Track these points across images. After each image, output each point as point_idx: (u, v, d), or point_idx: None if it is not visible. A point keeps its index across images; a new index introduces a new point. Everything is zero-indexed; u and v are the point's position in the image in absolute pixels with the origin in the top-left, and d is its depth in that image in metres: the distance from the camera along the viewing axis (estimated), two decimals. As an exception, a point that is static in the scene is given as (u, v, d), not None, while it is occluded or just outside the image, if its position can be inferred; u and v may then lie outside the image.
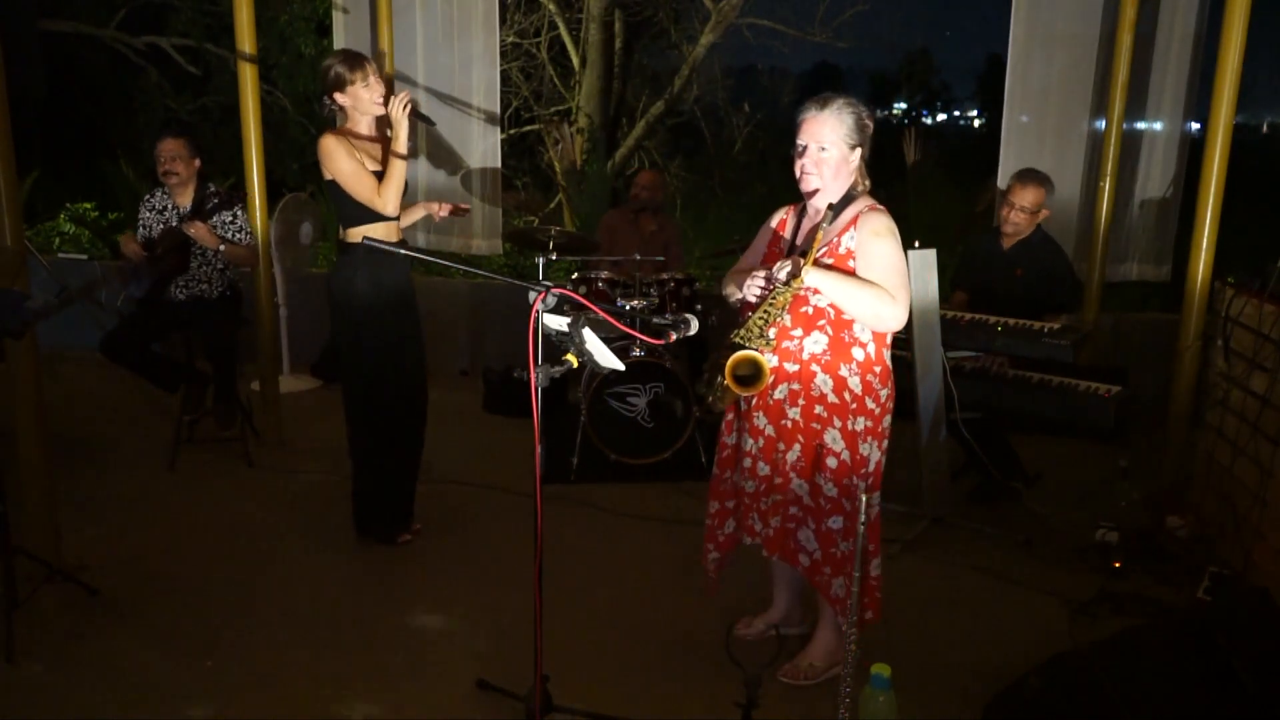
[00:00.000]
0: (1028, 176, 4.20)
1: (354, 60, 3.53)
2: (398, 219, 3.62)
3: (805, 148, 2.74)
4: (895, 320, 2.70)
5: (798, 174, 2.78)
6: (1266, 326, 3.54)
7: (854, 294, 2.66)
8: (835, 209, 2.73)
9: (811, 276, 2.65)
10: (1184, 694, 2.47)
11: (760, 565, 3.17)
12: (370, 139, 3.61)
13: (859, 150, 2.75)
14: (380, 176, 3.52)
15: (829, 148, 2.71)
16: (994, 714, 2.65)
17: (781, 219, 2.95)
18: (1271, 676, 2.45)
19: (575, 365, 2.31)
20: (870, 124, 2.79)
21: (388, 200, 3.50)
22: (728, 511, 3.05)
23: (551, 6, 9.35)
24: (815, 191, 2.77)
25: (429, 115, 3.82)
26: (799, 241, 2.84)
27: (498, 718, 2.77)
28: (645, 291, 4.85)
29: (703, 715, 2.80)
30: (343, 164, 3.47)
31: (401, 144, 3.49)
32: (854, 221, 2.72)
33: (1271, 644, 2.56)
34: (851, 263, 2.70)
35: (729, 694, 2.60)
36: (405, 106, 3.47)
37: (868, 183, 2.82)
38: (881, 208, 2.77)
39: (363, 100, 3.52)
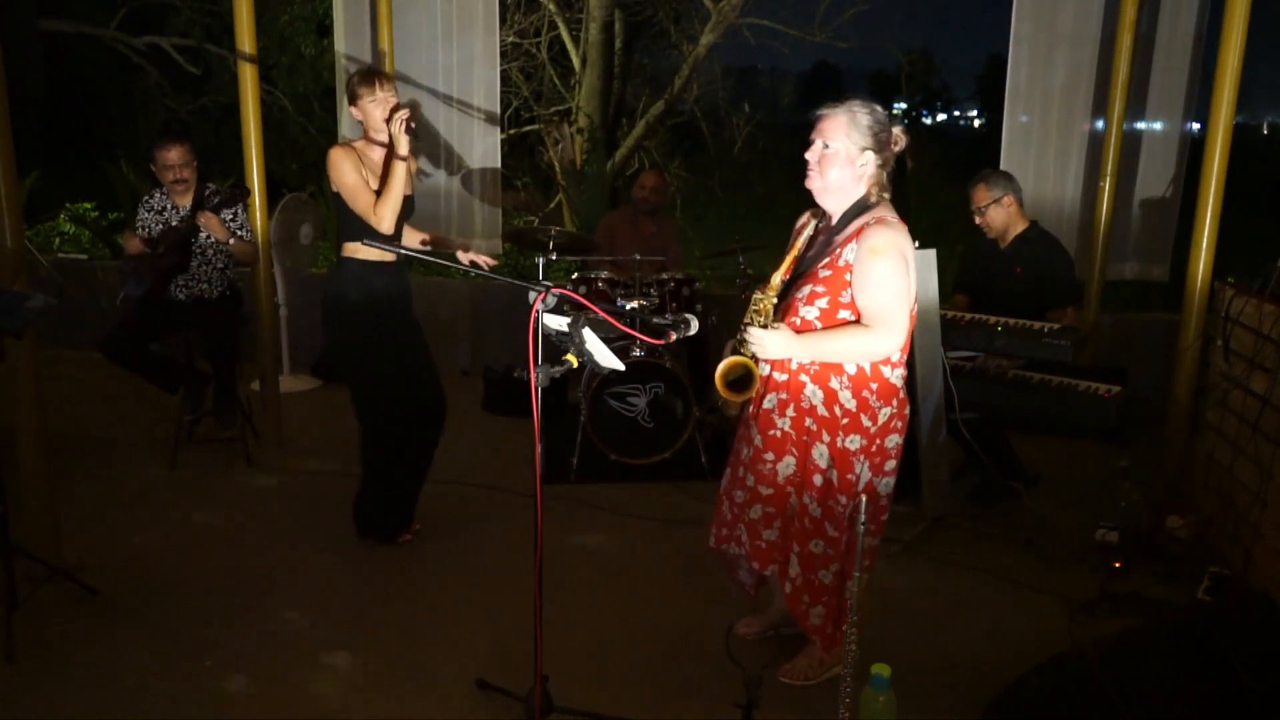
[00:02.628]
0: (972, 181, 4.27)
1: (367, 76, 3.51)
2: (396, 237, 3.60)
3: (811, 144, 2.70)
4: (884, 350, 2.65)
5: (806, 171, 2.73)
6: (1266, 326, 3.54)
7: (828, 350, 2.64)
8: (843, 219, 2.69)
9: (780, 349, 2.62)
10: (1184, 694, 2.48)
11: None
12: (381, 156, 3.58)
13: (870, 154, 2.66)
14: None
15: (833, 144, 2.65)
16: (994, 714, 2.65)
17: (802, 223, 2.88)
18: (1271, 676, 2.45)
19: (575, 365, 2.31)
20: (893, 134, 2.69)
21: (383, 217, 3.47)
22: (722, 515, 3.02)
23: (551, 6, 9.35)
24: (821, 193, 2.71)
25: (428, 120, 3.82)
26: (810, 251, 2.78)
27: (498, 718, 2.77)
28: (645, 291, 4.85)
29: (703, 715, 2.80)
30: (346, 177, 3.46)
31: (400, 164, 3.45)
32: (858, 233, 2.65)
33: (1271, 644, 2.57)
34: (849, 275, 2.63)
35: (729, 694, 2.60)
36: (402, 124, 3.41)
37: (887, 195, 2.72)
38: (892, 221, 2.66)
39: (373, 117, 3.50)
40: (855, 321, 2.65)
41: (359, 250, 3.53)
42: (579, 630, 3.23)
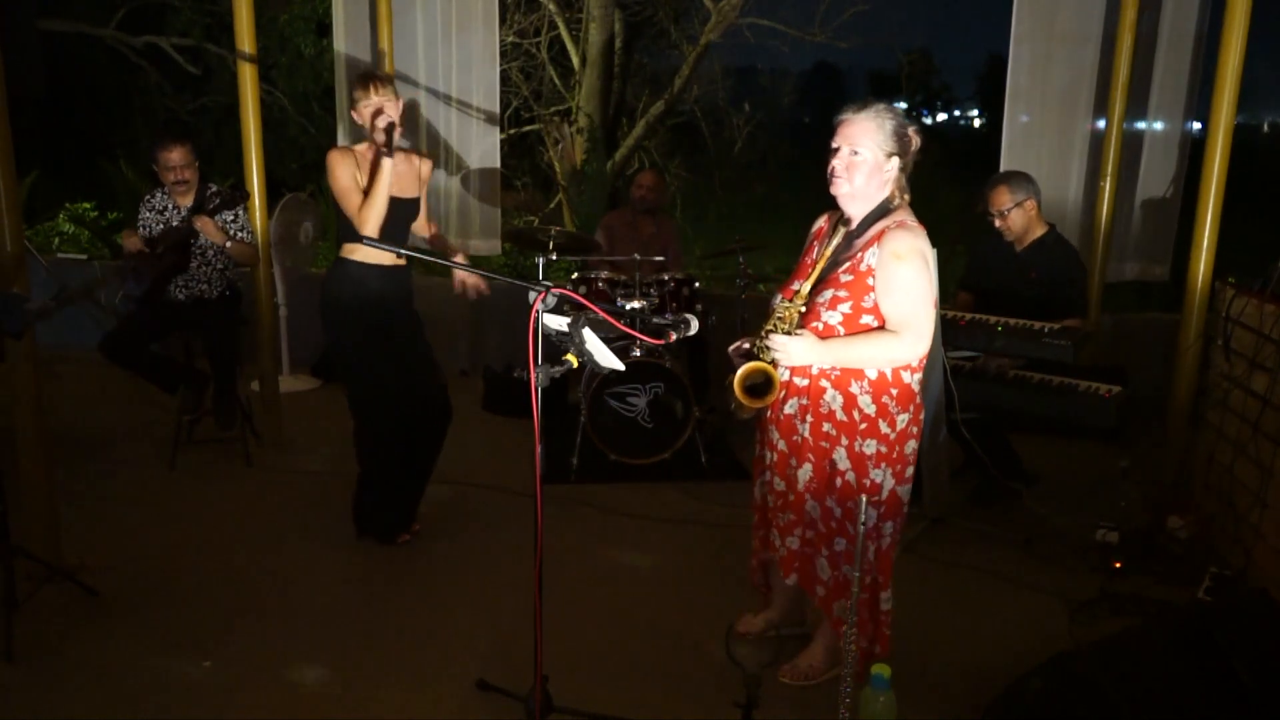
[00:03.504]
0: (990, 182, 4.23)
1: (362, 79, 3.52)
2: (398, 240, 3.61)
3: (838, 150, 2.68)
4: (910, 356, 2.65)
5: (829, 177, 2.71)
6: (1266, 326, 3.54)
7: (854, 356, 2.63)
8: (864, 223, 2.69)
9: (804, 355, 2.62)
10: (1184, 694, 2.47)
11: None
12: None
13: (895, 159, 2.65)
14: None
15: (862, 151, 2.63)
16: (994, 714, 2.65)
17: (819, 227, 2.87)
18: (1271, 676, 2.45)
19: (575, 365, 2.31)
20: (914, 138, 2.68)
21: (365, 220, 3.46)
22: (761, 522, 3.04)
23: (551, 6, 9.35)
24: (848, 199, 2.70)
25: (428, 120, 3.82)
26: (830, 255, 2.76)
27: (498, 718, 2.77)
28: (645, 291, 4.85)
29: (703, 715, 2.80)
30: (338, 180, 3.49)
31: (384, 168, 3.44)
32: (878, 237, 2.63)
33: (1271, 644, 2.56)
34: (871, 280, 2.63)
35: (729, 694, 2.60)
36: (382, 129, 3.42)
37: (907, 197, 2.71)
38: (912, 224, 2.65)
39: (366, 120, 3.50)
40: (879, 327, 2.64)
41: (356, 251, 3.56)
42: (579, 630, 3.23)
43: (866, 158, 2.64)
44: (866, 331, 2.64)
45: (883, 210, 2.68)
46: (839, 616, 2.82)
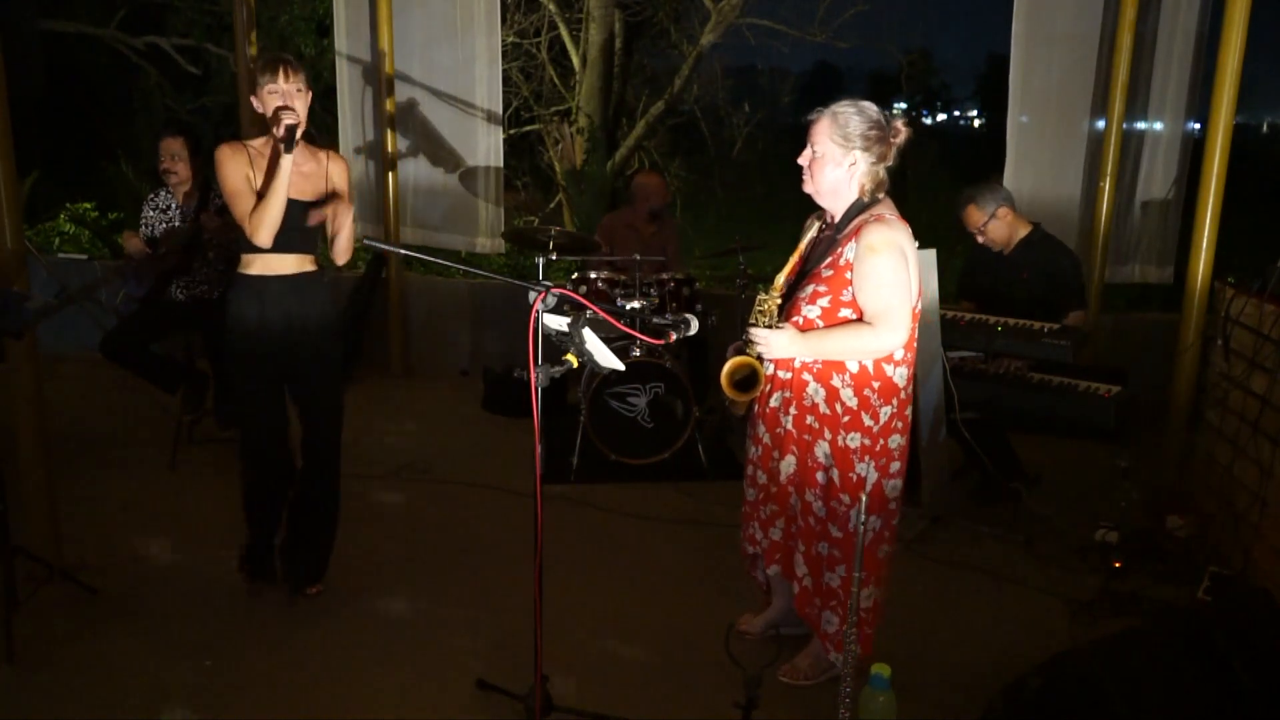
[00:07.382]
0: (960, 203, 4.21)
1: (271, 63, 3.00)
2: (308, 248, 3.17)
3: (805, 150, 2.74)
4: (886, 346, 2.66)
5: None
6: (1266, 326, 3.54)
7: (831, 348, 2.66)
8: (844, 219, 2.71)
9: (784, 348, 2.66)
10: (1184, 694, 2.47)
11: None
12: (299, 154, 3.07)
13: (858, 153, 2.65)
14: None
15: (818, 149, 2.69)
16: (994, 714, 2.65)
17: (808, 226, 2.89)
18: (1271, 676, 2.45)
19: (575, 365, 2.31)
20: (892, 128, 2.66)
21: (257, 227, 2.98)
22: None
23: (551, 6, 9.35)
24: (817, 196, 2.75)
25: (428, 119, 3.78)
26: (814, 251, 2.79)
27: (498, 718, 2.77)
28: (645, 291, 4.84)
29: (703, 715, 2.80)
30: (227, 181, 3.02)
31: (283, 169, 2.95)
32: (856, 232, 2.66)
33: (1271, 644, 2.57)
34: (849, 274, 2.65)
35: (729, 694, 2.60)
36: (282, 128, 2.91)
37: (880, 194, 2.70)
38: (889, 218, 2.66)
39: (269, 110, 3.00)
40: (857, 320, 2.67)
41: (252, 263, 3.11)
42: (579, 630, 3.23)
43: (824, 154, 2.68)
44: (844, 324, 2.66)
45: (861, 206, 2.71)
46: (827, 631, 2.84)
